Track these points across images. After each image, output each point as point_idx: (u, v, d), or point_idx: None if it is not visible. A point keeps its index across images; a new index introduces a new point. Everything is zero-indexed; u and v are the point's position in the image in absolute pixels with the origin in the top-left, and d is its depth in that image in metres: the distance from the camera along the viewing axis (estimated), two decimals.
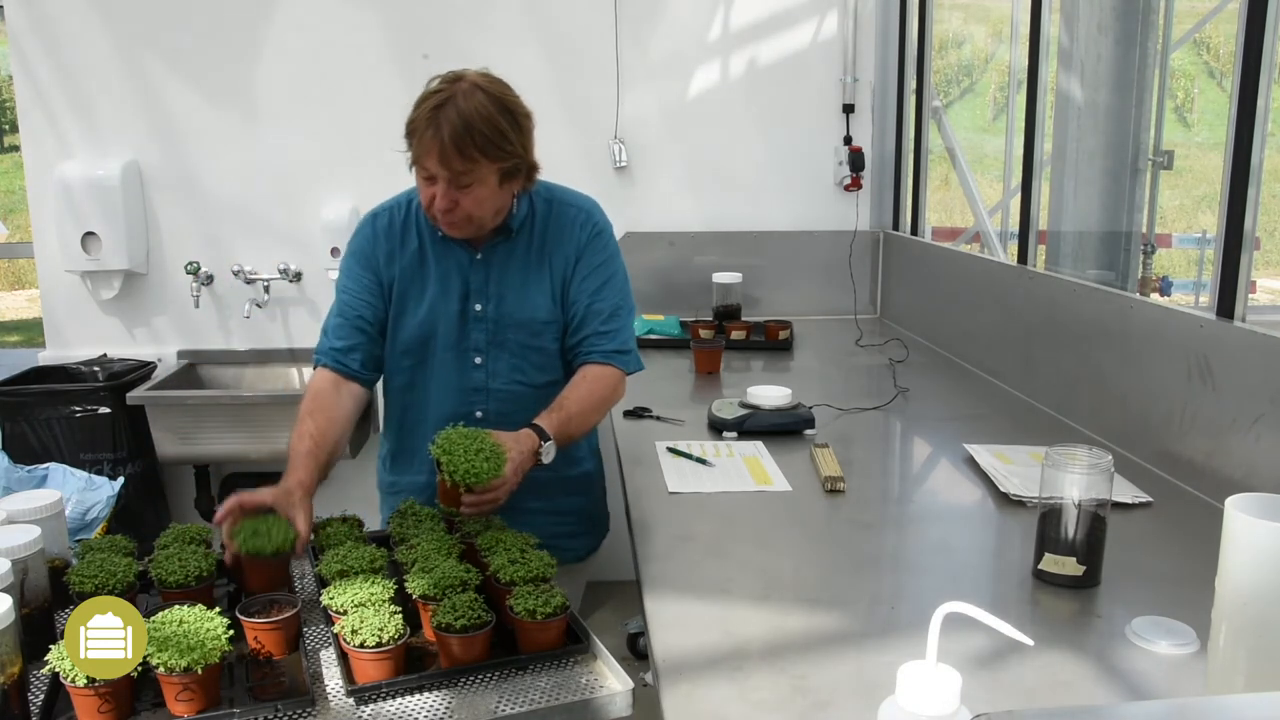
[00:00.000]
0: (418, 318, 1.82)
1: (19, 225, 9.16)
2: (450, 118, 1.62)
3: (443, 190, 1.67)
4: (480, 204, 1.70)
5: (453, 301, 1.82)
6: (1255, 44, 1.68)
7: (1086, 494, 1.33)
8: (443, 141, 1.62)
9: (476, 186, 1.68)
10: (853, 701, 1.10)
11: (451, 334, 1.82)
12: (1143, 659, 1.18)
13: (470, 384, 1.83)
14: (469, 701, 1.22)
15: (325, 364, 1.81)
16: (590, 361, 1.82)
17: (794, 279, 3.49)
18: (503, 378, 1.83)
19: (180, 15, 3.26)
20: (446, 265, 1.82)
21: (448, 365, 1.83)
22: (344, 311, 1.83)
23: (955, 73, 12.28)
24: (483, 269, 1.82)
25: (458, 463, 1.49)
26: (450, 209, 1.69)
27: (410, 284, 1.83)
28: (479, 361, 1.83)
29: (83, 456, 3.01)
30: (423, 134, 1.64)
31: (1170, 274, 6.67)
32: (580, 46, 3.38)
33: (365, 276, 1.83)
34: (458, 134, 1.61)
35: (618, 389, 1.85)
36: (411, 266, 1.83)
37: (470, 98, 1.64)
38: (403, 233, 1.84)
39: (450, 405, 1.82)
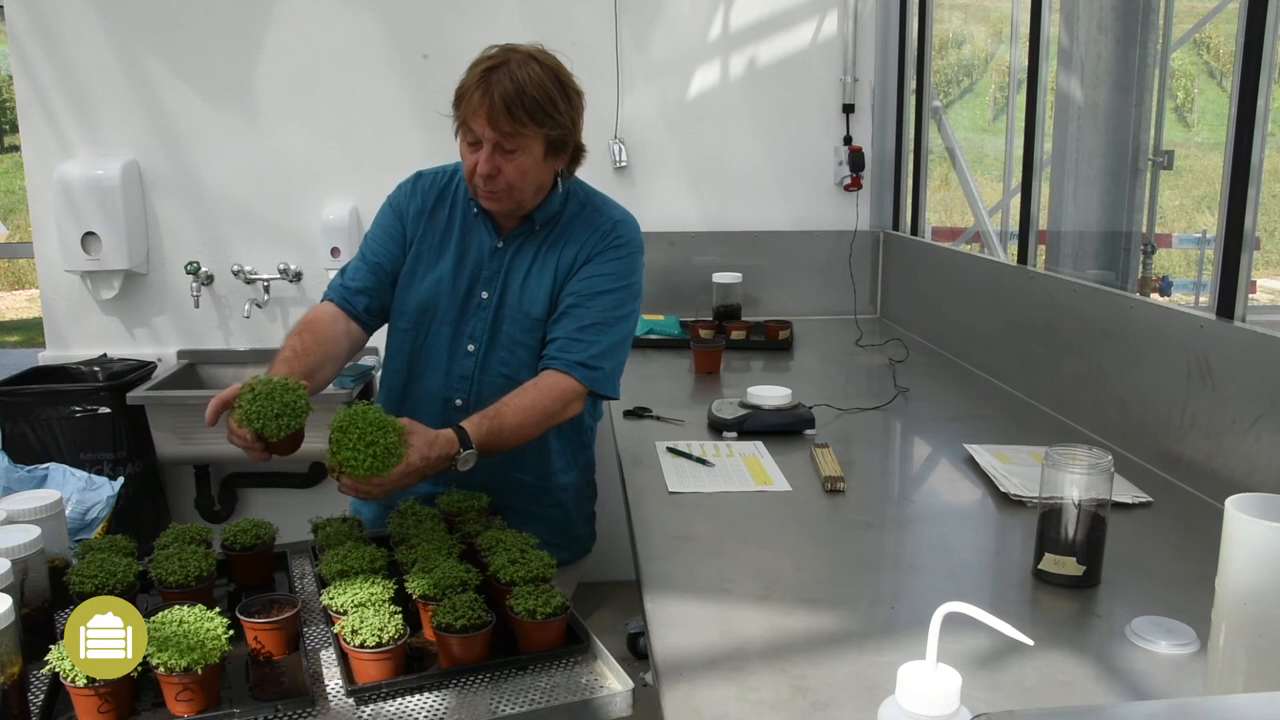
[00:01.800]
0: (425, 285, 1.81)
1: (19, 225, 9.16)
2: (502, 80, 1.62)
3: (486, 154, 1.66)
4: (523, 174, 1.69)
5: (463, 282, 1.81)
6: (1255, 44, 1.68)
7: (1086, 494, 1.33)
8: (492, 101, 1.61)
9: (521, 154, 1.67)
10: (853, 701, 1.10)
11: (451, 312, 1.81)
12: (1143, 659, 1.18)
13: (459, 370, 1.82)
14: (469, 701, 1.22)
15: (331, 298, 1.80)
16: (552, 367, 1.73)
17: (794, 279, 3.49)
18: (492, 370, 1.81)
19: (180, 15, 3.26)
20: (467, 244, 1.82)
21: (440, 344, 1.82)
22: (365, 255, 1.84)
23: (955, 73, 12.28)
24: (500, 258, 1.81)
25: (344, 446, 1.43)
26: (492, 175, 1.67)
27: (428, 249, 1.82)
28: (471, 349, 1.81)
29: (83, 456, 3.01)
30: (472, 95, 1.64)
31: (1170, 274, 6.67)
32: (580, 46, 3.36)
33: (394, 226, 1.84)
34: (509, 96, 1.61)
35: (571, 406, 1.72)
36: (435, 233, 1.83)
37: (525, 65, 1.65)
38: (438, 198, 1.85)
39: (436, 385, 1.82)
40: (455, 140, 1.72)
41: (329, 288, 1.84)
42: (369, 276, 1.82)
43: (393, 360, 1.87)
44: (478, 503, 1.69)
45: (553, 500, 1.91)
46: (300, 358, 1.66)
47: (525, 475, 1.86)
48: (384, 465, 1.44)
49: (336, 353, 1.76)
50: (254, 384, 1.48)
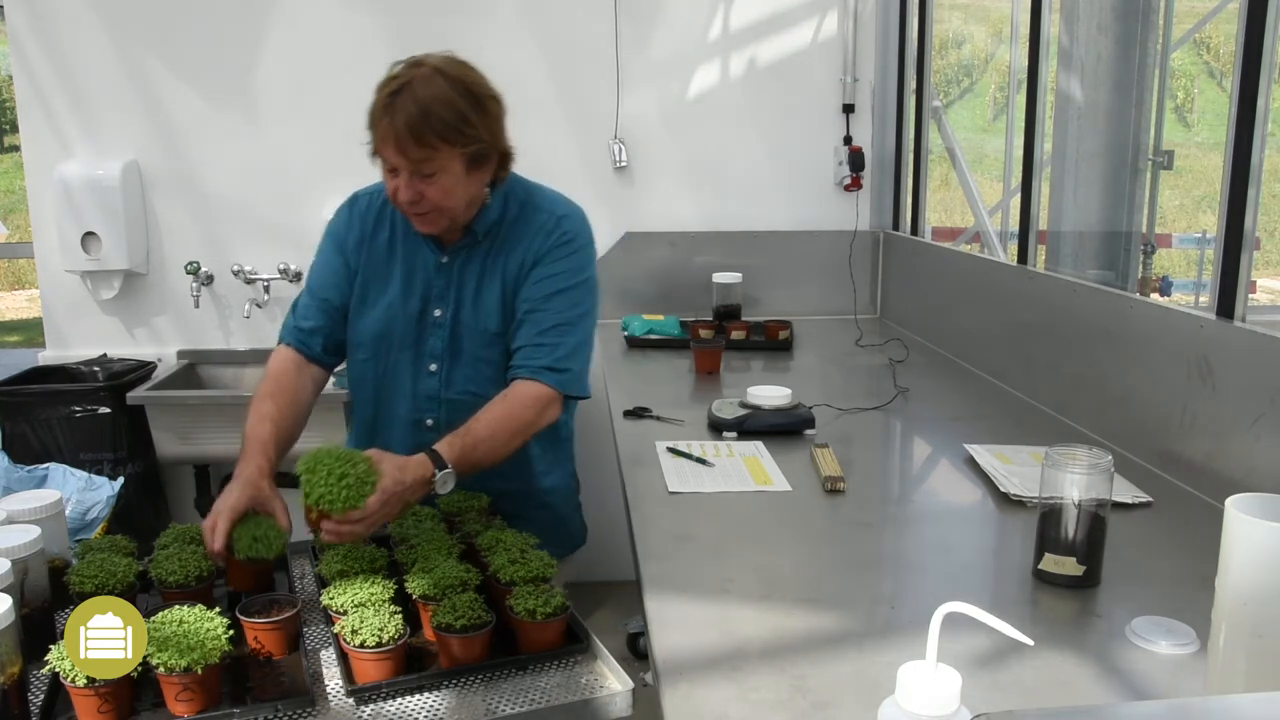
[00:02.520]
0: (376, 312, 1.78)
1: (19, 225, 9.16)
2: (406, 105, 1.55)
3: (405, 181, 1.61)
4: (447, 194, 1.64)
5: (413, 302, 1.77)
6: (1255, 44, 1.68)
7: (1086, 494, 1.33)
8: (398, 129, 1.55)
9: (440, 175, 1.61)
10: (853, 701, 1.10)
11: (409, 335, 1.77)
12: (1143, 659, 1.18)
13: (424, 391, 1.79)
14: (469, 701, 1.22)
15: (289, 343, 1.79)
16: (519, 376, 1.70)
17: (794, 279, 3.49)
18: (457, 387, 1.78)
19: (180, 15, 3.26)
20: (412, 264, 1.78)
21: (403, 368, 1.79)
22: (313, 290, 1.81)
23: (955, 73, 12.28)
24: (446, 274, 1.76)
25: (315, 485, 1.39)
26: (415, 200, 1.63)
27: (374, 276, 1.79)
28: (434, 369, 1.78)
29: (83, 456, 3.01)
30: (379, 122, 1.58)
31: (1170, 274, 6.67)
32: (580, 46, 3.38)
33: (336, 259, 1.80)
34: (413, 120, 1.55)
35: (546, 412, 1.69)
36: (378, 258, 1.79)
37: (429, 83, 1.58)
38: (376, 221, 1.80)
39: (404, 409, 1.80)
40: None
41: (284, 328, 1.82)
42: (320, 315, 1.79)
43: (358, 391, 1.85)
44: (478, 503, 1.69)
45: (539, 503, 1.91)
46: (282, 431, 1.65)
47: (509, 484, 1.83)
48: (359, 495, 1.41)
49: (307, 403, 1.76)
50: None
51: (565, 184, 3.48)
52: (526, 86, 3.37)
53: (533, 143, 3.35)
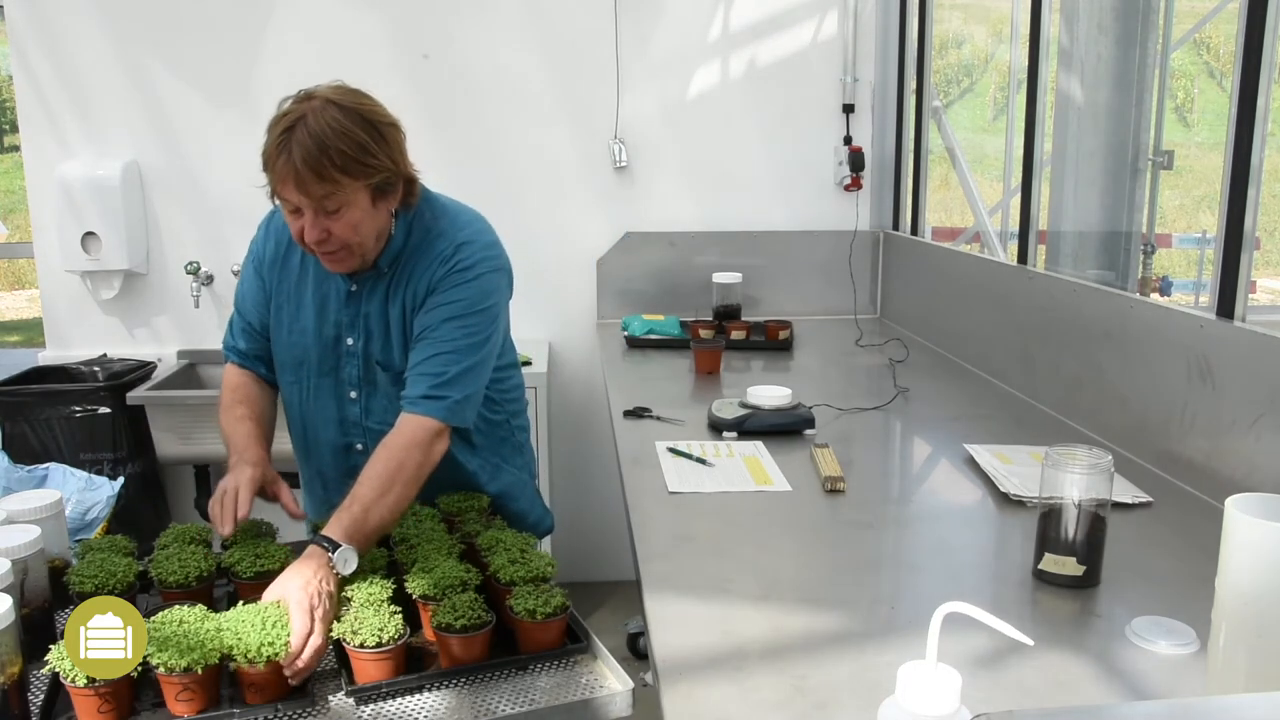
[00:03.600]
0: (293, 337, 1.74)
1: (19, 225, 9.16)
2: (302, 139, 1.46)
3: (310, 220, 1.52)
4: (355, 229, 1.55)
5: (327, 329, 1.72)
6: (1255, 44, 1.68)
7: (1086, 494, 1.33)
8: (296, 166, 1.46)
9: (346, 210, 1.52)
10: (853, 701, 1.10)
11: (326, 362, 1.73)
12: (1143, 659, 1.18)
13: (348, 416, 1.76)
14: (469, 701, 1.23)
15: (235, 361, 1.81)
16: (403, 410, 1.60)
17: (794, 279, 3.49)
18: (377, 416, 1.72)
19: (180, 15, 3.26)
20: (325, 291, 1.72)
21: (325, 393, 1.75)
22: (239, 308, 1.81)
23: (955, 73, 12.27)
24: (355, 303, 1.70)
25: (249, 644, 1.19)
26: (322, 240, 1.53)
27: (286, 299, 1.74)
28: (354, 396, 1.74)
29: (83, 456, 3.01)
30: (275, 162, 1.48)
31: (1170, 274, 6.67)
32: (580, 46, 3.38)
33: (254, 280, 1.78)
34: (312, 156, 1.46)
35: (434, 448, 1.56)
36: (290, 280, 1.74)
37: (322, 115, 1.48)
38: (290, 241, 1.67)
39: (331, 434, 1.77)
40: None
41: (227, 347, 1.83)
42: (246, 337, 1.79)
43: (289, 411, 1.83)
44: (478, 503, 1.69)
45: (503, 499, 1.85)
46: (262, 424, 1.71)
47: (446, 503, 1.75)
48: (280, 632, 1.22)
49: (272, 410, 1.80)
50: None
51: (565, 184, 3.51)
52: (527, 86, 3.38)
53: (533, 143, 3.39)
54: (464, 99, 3.35)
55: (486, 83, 3.35)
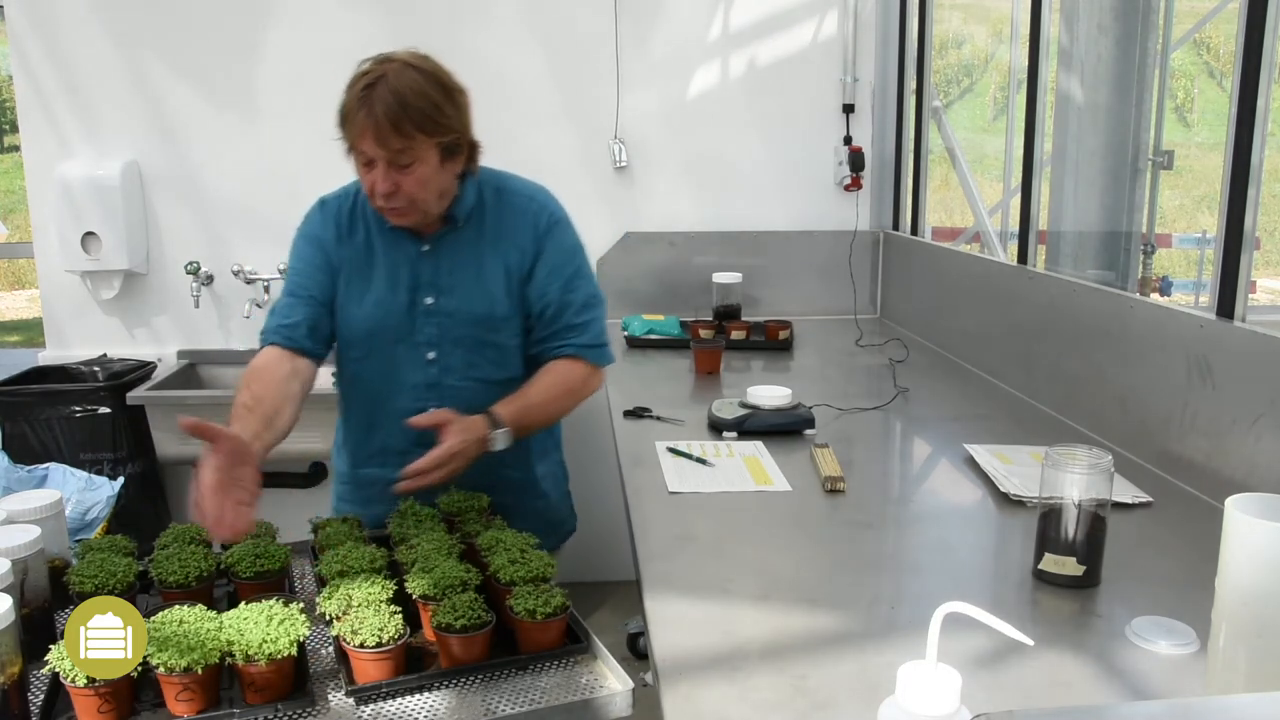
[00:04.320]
0: (363, 310, 1.79)
1: (19, 225, 9.16)
2: (383, 96, 1.59)
3: (382, 173, 1.64)
4: (423, 185, 1.66)
5: (400, 294, 1.78)
6: (1255, 44, 1.68)
7: (1086, 494, 1.33)
8: (377, 120, 1.59)
9: (417, 166, 1.64)
10: (853, 701, 1.10)
11: (401, 328, 1.79)
12: (1143, 659, 1.18)
13: (423, 380, 1.80)
14: (469, 701, 1.22)
15: (272, 341, 1.76)
16: (561, 356, 1.81)
17: (794, 279, 3.49)
18: (457, 374, 1.80)
19: (180, 15, 3.26)
20: (394, 257, 1.79)
21: (398, 360, 1.80)
22: (294, 290, 1.80)
23: (955, 73, 12.28)
24: (431, 261, 1.78)
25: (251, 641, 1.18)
26: (392, 192, 1.65)
27: (355, 274, 1.80)
28: (432, 357, 1.80)
29: (83, 456, 3.01)
30: (355, 116, 1.61)
31: (1170, 274, 6.67)
32: (580, 46, 3.38)
33: (316, 256, 1.81)
34: (392, 111, 1.58)
35: (589, 382, 1.85)
36: (358, 256, 1.80)
37: (402, 75, 1.61)
38: (350, 221, 1.81)
39: (404, 401, 1.79)
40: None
41: (263, 333, 1.79)
42: (304, 308, 1.78)
43: (354, 389, 1.86)
44: (478, 503, 1.69)
45: (536, 492, 1.94)
46: (254, 410, 1.60)
47: (511, 471, 1.86)
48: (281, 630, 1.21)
49: (290, 392, 1.69)
50: None
51: (565, 184, 3.47)
52: (526, 86, 3.38)
53: (533, 143, 3.39)
54: None
55: (487, 83, 3.31)
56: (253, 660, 1.17)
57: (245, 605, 1.25)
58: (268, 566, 1.43)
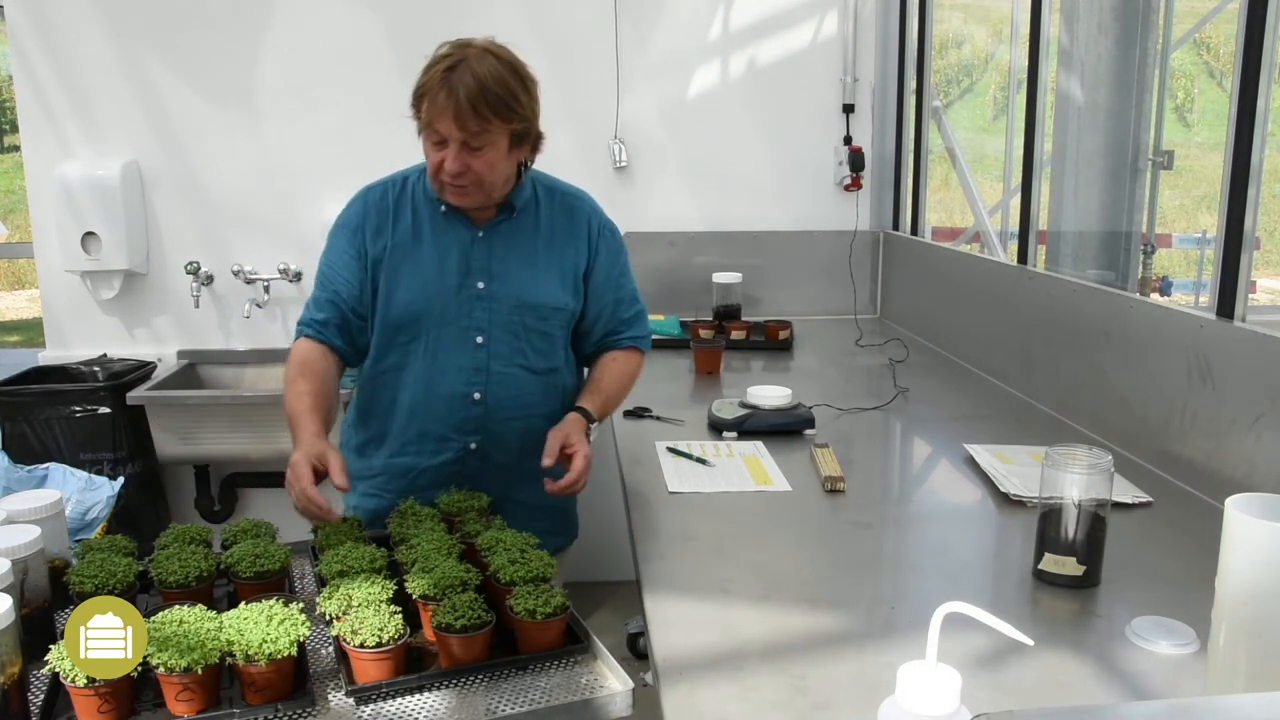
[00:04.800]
0: (410, 292, 1.80)
1: (19, 225, 9.15)
2: (464, 79, 1.63)
3: (454, 153, 1.67)
4: (492, 167, 1.70)
5: (450, 277, 1.80)
6: (1255, 44, 1.68)
7: (1086, 494, 1.33)
8: (458, 101, 1.62)
9: (488, 149, 1.68)
10: (853, 701, 1.10)
11: (449, 310, 1.80)
12: (1143, 659, 1.18)
13: (471, 363, 1.81)
14: (469, 701, 1.22)
15: (308, 334, 1.81)
16: (619, 346, 1.94)
17: (794, 279, 3.49)
18: (504, 360, 1.81)
19: (180, 15, 3.26)
20: (446, 240, 1.81)
21: (447, 343, 1.81)
22: (323, 284, 1.84)
23: (955, 73, 12.27)
24: (485, 247, 1.81)
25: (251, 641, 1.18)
26: (461, 172, 1.69)
27: (403, 258, 1.81)
28: (480, 341, 1.81)
29: (83, 456, 3.01)
30: (435, 96, 1.65)
31: (1170, 274, 6.67)
32: (580, 46, 3.38)
33: (347, 251, 1.82)
34: (473, 94, 1.62)
35: (639, 369, 1.99)
36: (404, 240, 1.82)
37: (482, 61, 1.66)
38: (396, 207, 1.84)
39: (449, 384, 1.81)
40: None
41: (301, 323, 1.83)
42: (330, 308, 1.82)
43: (399, 375, 1.84)
44: (478, 503, 1.69)
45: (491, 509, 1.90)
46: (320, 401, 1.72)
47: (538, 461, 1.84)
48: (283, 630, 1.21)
49: (334, 386, 1.81)
50: None
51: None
52: None
53: None
54: None
55: None
56: (253, 660, 1.17)
57: (245, 605, 1.25)
58: (268, 566, 1.43)
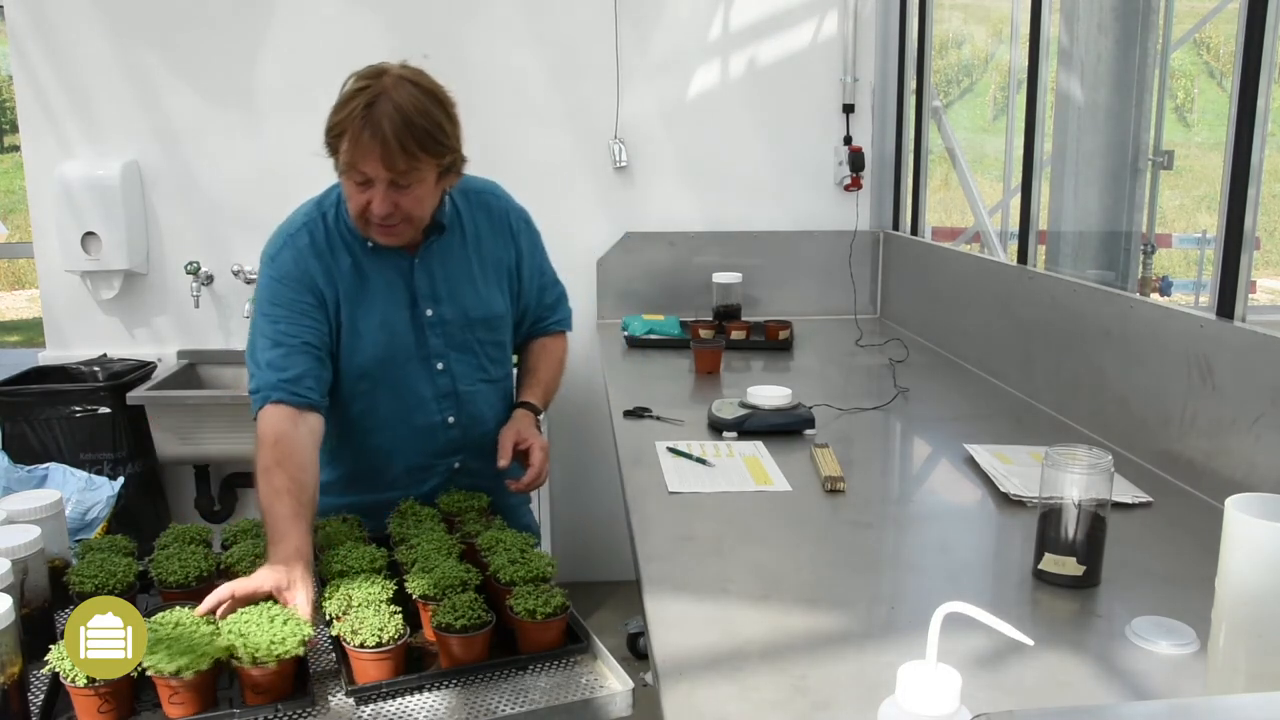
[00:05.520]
0: (373, 337, 1.71)
1: (19, 225, 9.15)
2: (387, 112, 1.51)
3: (381, 194, 1.56)
4: (420, 204, 1.61)
5: (402, 310, 1.73)
6: (1255, 44, 1.68)
7: (1086, 494, 1.33)
8: (385, 140, 1.50)
9: (416, 186, 1.58)
10: (853, 701, 1.10)
11: (409, 345, 1.74)
12: (1143, 659, 1.18)
13: (437, 391, 1.78)
14: (469, 701, 1.22)
15: (277, 399, 1.58)
16: (548, 331, 1.96)
17: (794, 279, 3.49)
18: (467, 379, 1.79)
19: (180, 15, 3.26)
20: (388, 275, 1.72)
21: (411, 377, 1.75)
22: (282, 340, 1.63)
23: (955, 73, 12.26)
24: (424, 272, 1.74)
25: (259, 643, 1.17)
26: (390, 213, 1.58)
27: (356, 304, 1.70)
28: (441, 367, 1.77)
29: (83, 456, 3.01)
30: (359, 136, 1.52)
31: (1170, 274, 6.67)
32: (580, 46, 3.38)
33: (302, 299, 1.66)
34: (399, 131, 1.51)
35: (567, 351, 2.02)
36: (351, 284, 1.70)
37: (400, 90, 1.54)
38: (330, 249, 1.69)
39: (422, 417, 1.77)
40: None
41: (263, 389, 1.60)
42: (301, 359, 1.62)
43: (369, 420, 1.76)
44: (478, 503, 1.69)
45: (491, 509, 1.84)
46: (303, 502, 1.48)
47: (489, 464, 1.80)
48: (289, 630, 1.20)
49: (315, 462, 1.58)
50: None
51: (565, 184, 3.51)
52: (526, 86, 3.38)
53: (533, 143, 3.39)
54: (464, 99, 3.33)
55: (487, 83, 3.35)
56: (260, 663, 1.17)
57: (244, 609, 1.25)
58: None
